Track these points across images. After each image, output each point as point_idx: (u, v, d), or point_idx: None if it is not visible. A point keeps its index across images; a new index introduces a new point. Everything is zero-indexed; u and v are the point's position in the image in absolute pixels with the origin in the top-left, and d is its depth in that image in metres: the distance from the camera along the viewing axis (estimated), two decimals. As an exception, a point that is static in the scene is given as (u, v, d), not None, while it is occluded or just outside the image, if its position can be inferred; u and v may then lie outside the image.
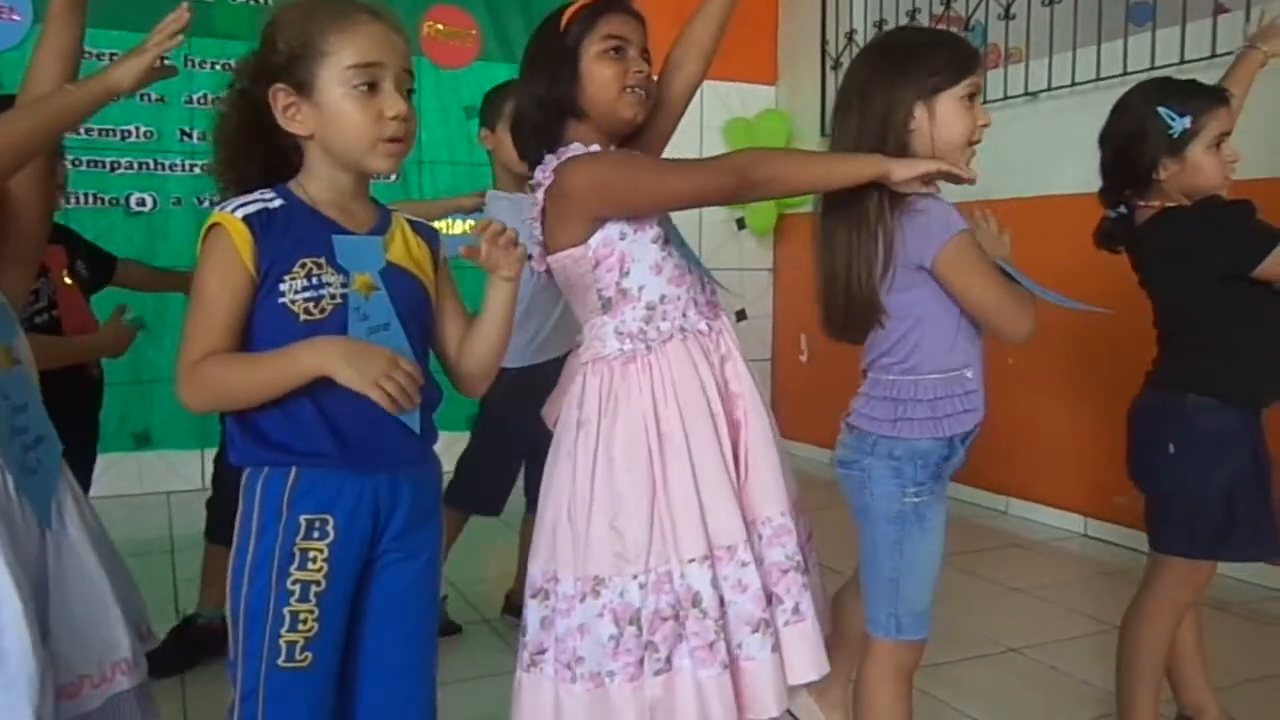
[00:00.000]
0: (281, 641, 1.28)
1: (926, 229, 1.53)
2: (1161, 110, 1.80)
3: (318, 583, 1.29)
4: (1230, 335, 1.82)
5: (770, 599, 1.56)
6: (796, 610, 1.58)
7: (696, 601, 1.50)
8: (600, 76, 1.57)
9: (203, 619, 2.51)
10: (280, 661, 1.29)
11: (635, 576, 1.51)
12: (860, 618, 1.74)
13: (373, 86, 1.28)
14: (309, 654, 1.29)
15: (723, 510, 1.54)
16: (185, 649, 2.47)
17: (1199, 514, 1.81)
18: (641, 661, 1.50)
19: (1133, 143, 1.84)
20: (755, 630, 1.53)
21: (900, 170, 1.48)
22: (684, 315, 1.59)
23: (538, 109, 1.61)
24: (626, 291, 1.57)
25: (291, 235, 1.28)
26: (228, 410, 1.31)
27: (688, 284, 1.61)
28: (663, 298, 1.58)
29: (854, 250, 1.57)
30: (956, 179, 1.53)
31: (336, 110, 1.29)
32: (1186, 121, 1.79)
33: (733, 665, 1.52)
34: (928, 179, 1.51)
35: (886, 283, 1.56)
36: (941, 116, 1.55)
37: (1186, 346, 1.88)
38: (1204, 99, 1.82)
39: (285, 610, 1.28)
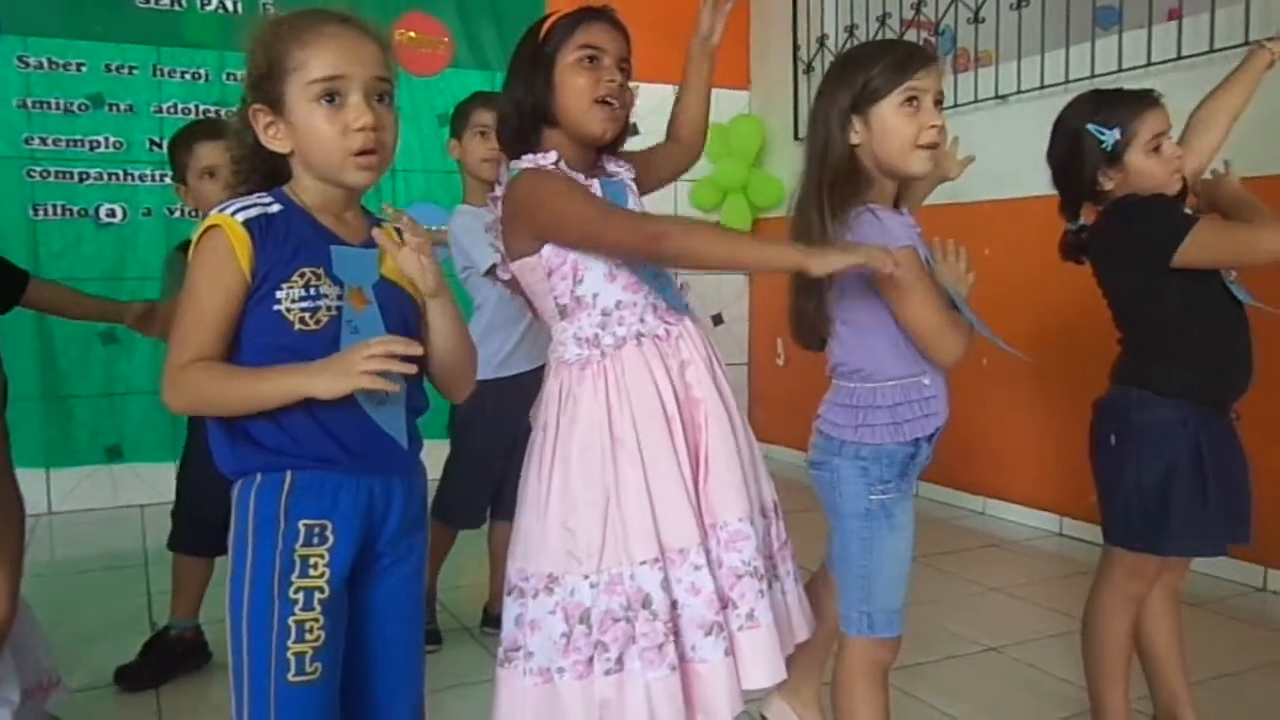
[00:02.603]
0: (290, 654, 1.25)
1: (867, 240, 1.54)
2: (1090, 127, 1.84)
3: (321, 589, 1.27)
4: (1167, 331, 1.85)
5: (726, 604, 1.56)
6: (751, 616, 1.57)
7: (646, 603, 1.51)
8: (572, 86, 1.57)
9: (174, 630, 2.49)
10: (290, 677, 1.26)
11: (586, 576, 1.52)
12: (829, 615, 1.78)
13: (338, 99, 1.26)
14: (318, 664, 1.27)
15: (676, 513, 1.54)
16: (159, 662, 2.45)
17: (1133, 507, 1.85)
18: (591, 660, 1.52)
19: (1070, 161, 1.89)
20: (708, 634, 1.53)
21: (818, 265, 1.43)
22: (641, 320, 1.59)
23: (515, 115, 1.62)
24: (581, 299, 1.59)
25: (291, 242, 1.27)
26: (208, 416, 1.29)
27: (645, 290, 1.61)
28: (618, 304, 1.59)
29: None
30: (879, 272, 1.46)
31: (306, 126, 1.27)
32: (1116, 133, 1.82)
33: (685, 668, 1.53)
34: (849, 270, 1.46)
35: (835, 291, 1.60)
36: (879, 126, 1.56)
37: (1131, 343, 1.92)
38: (1130, 106, 1.84)
39: (290, 620, 1.26)
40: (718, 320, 5.24)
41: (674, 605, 1.53)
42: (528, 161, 1.59)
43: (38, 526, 3.90)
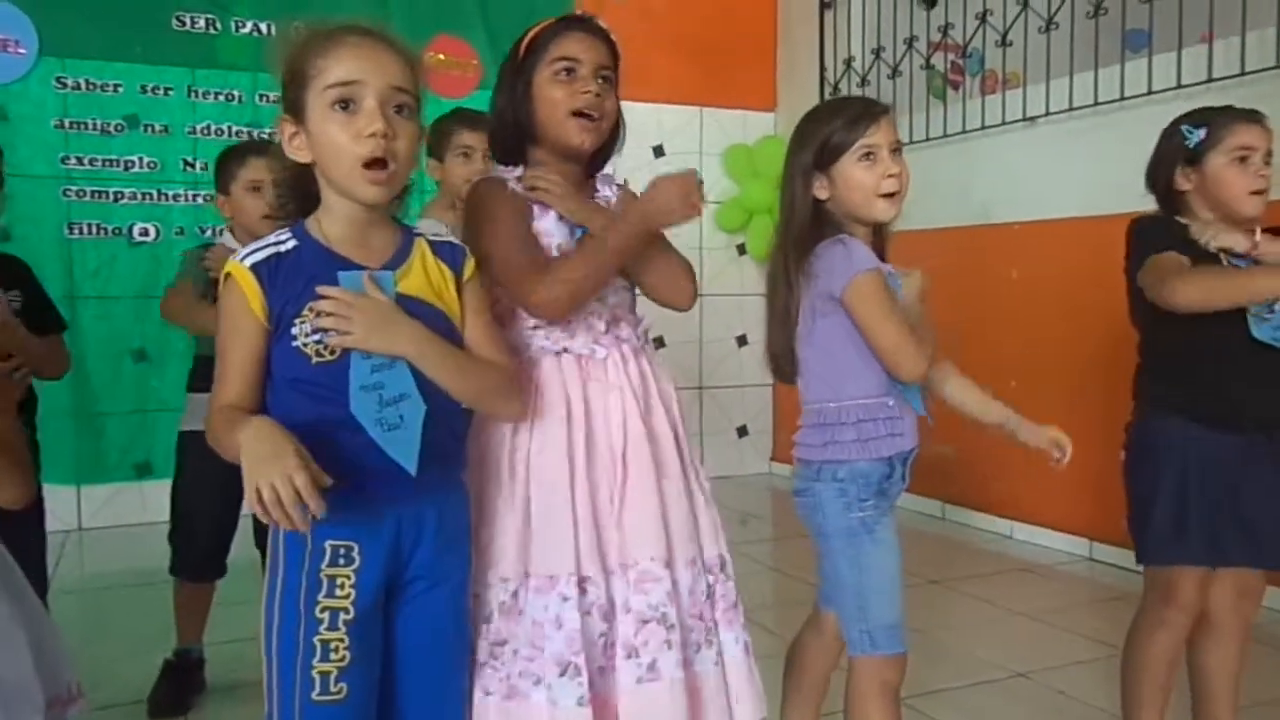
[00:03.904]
0: (314, 673, 1.26)
1: (835, 263, 1.63)
2: (1182, 126, 1.88)
3: (346, 610, 1.28)
4: (1166, 347, 1.88)
5: (630, 652, 1.49)
6: (653, 668, 1.48)
7: (488, 620, 1.47)
8: (547, 99, 1.55)
9: (195, 652, 2.51)
10: (315, 696, 1.26)
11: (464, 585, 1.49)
12: (816, 664, 1.84)
13: (353, 106, 1.26)
14: (343, 685, 1.27)
15: (557, 536, 1.48)
16: (185, 684, 2.46)
17: (1133, 520, 1.90)
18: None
19: (1157, 159, 1.93)
20: (563, 673, 1.44)
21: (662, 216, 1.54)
22: (571, 338, 1.56)
23: (499, 127, 1.62)
24: (514, 309, 1.57)
25: (302, 277, 1.28)
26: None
27: (586, 310, 1.57)
28: (551, 319, 1.56)
29: (773, 298, 1.72)
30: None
31: (321, 132, 1.28)
32: (1201, 133, 1.84)
33: (521, 702, 1.45)
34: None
35: (803, 317, 1.68)
36: (842, 180, 1.66)
37: (1140, 360, 1.96)
38: (1224, 114, 1.87)
39: (315, 640, 1.27)
40: (742, 341, 5.24)
41: (540, 635, 1.46)
42: (489, 172, 1.60)
43: (68, 542, 3.93)
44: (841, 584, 1.68)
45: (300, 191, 1.36)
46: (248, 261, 1.28)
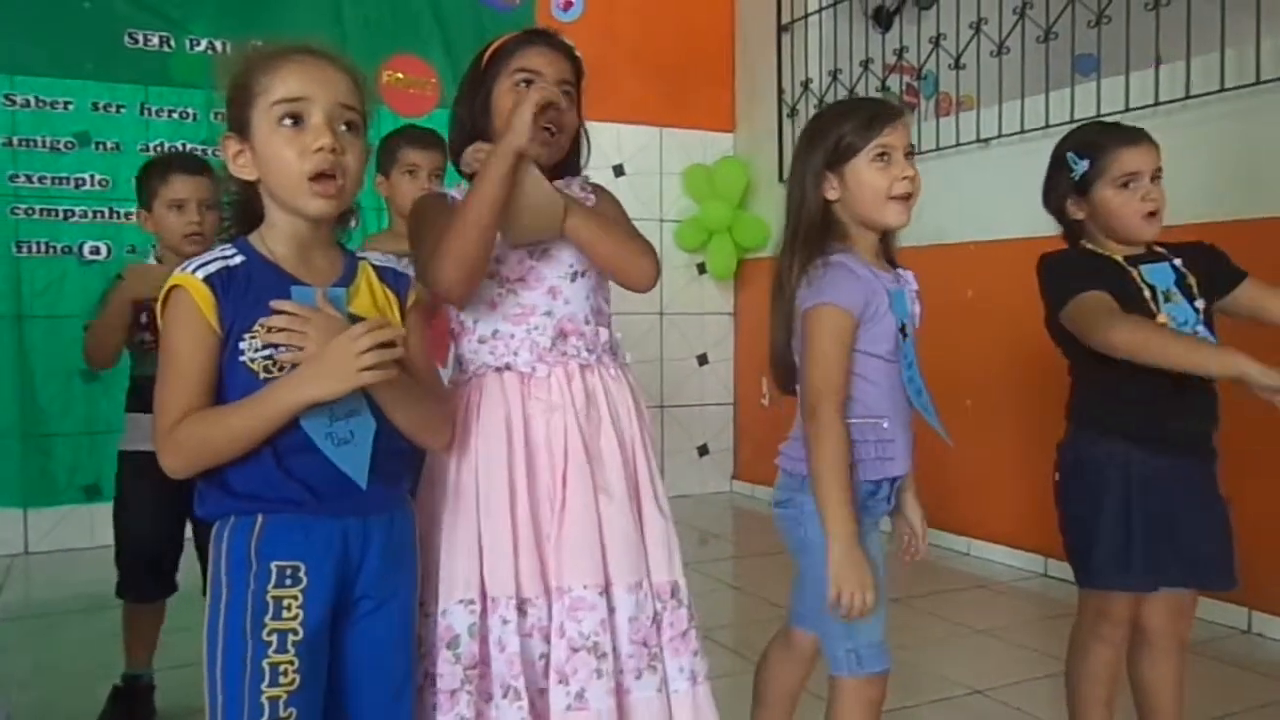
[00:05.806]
0: (263, 699, 1.24)
1: (815, 284, 1.60)
2: (1067, 155, 1.85)
3: (294, 631, 1.26)
4: (1098, 368, 1.84)
5: (563, 678, 1.48)
6: (581, 696, 1.47)
7: (453, 644, 1.46)
8: (506, 109, 1.54)
9: (145, 678, 2.45)
10: None
11: (422, 602, 1.48)
12: (784, 680, 1.81)
13: (299, 121, 1.27)
14: (292, 710, 1.25)
15: (497, 559, 1.48)
16: (130, 712, 2.40)
17: (1073, 543, 1.89)
18: (420, 689, 1.47)
19: (1047, 188, 1.91)
20: (505, 696, 1.46)
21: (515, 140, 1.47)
22: (514, 354, 1.54)
23: (460, 140, 1.62)
24: (464, 323, 1.57)
25: (252, 293, 1.27)
26: (210, 467, 1.27)
27: (530, 325, 1.56)
28: (495, 333, 1.55)
29: (775, 302, 1.68)
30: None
31: (266, 148, 1.28)
32: (1085, 164, 1.82)
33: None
34: None
35: (796, 325, 1.64)
36: (854, 180, 1.61)
37: (1072, 380, 1.95)
38: (1107, 139, 1.83)
39: (264, 663, 1.24)
40: (702, 360, 5.26)
41: (483, 653, 1.46)
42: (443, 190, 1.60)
43: (14, 567, 3.84)
44: (825, 600, 1.61)
45: (244, 210, 1.35)
46: (200, 273, 1.26)
